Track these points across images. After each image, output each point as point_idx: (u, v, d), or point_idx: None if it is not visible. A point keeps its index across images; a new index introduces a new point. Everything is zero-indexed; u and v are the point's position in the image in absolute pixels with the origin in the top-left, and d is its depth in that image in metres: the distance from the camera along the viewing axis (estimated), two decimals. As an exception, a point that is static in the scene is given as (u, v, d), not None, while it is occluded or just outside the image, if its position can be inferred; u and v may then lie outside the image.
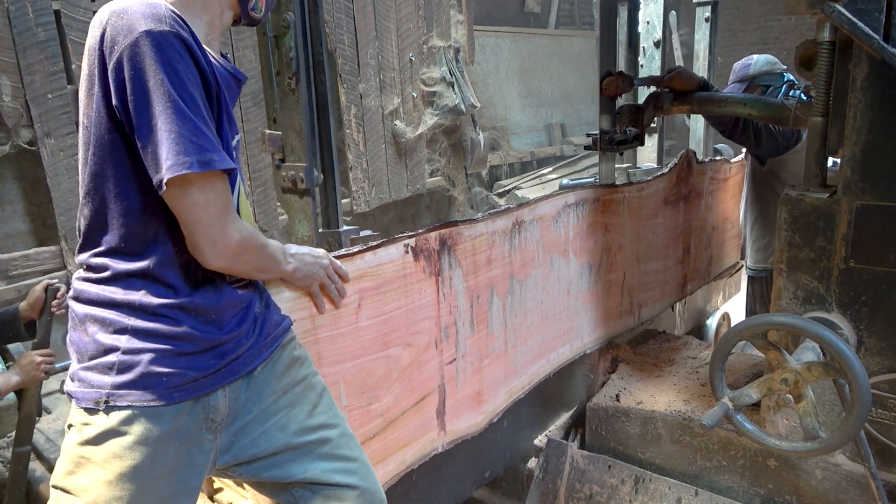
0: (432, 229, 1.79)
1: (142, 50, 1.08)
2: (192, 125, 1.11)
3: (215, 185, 1.16)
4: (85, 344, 1.26)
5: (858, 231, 1.69)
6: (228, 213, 1.20)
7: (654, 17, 3.64)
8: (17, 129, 3.72)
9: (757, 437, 1.74)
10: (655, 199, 2.86)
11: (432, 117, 6.30)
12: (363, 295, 1.61)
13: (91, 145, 1.18)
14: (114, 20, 1.10)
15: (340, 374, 1.59)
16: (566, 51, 9.44)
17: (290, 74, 1.79)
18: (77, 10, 3.84)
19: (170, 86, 1.09)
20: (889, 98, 1.60)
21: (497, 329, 2.07)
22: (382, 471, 1.74)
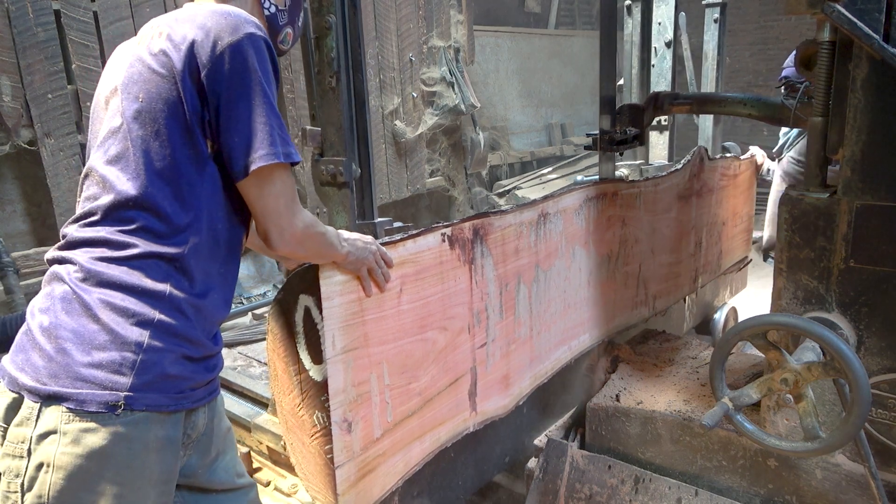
0: (466, 219, 1.88)
1: (245, 49, 1.18)
2: (279, 121, 1.22)
3: (290, 177, 1.25)
4: (92, 333, 1.15)
5: (858, 231, 1.69)
6: (296, 203, 1.27)
7: (666, 19, 3.71)
8: (17, 129, 3.72)
9: (757, 437, 1.74)
10: (670, 194, 2.95)
11: (432, 117, 6.30)
12: (404, 280, 1.69)
13: (142, 122, 1.20)
14: (218, 18, 1.20)
15: (383, 355, 1.66)
16: (566, 51, 9.44)
17: (330, 73, 1.88)
18: (77, 10, 3.85)
19: (265, 84, 1.20)
20: (889, 98, 1.60)
21: (523, 316, 2.16)
22: (420, 447, 1.83)
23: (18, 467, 1.16)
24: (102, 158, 1.24)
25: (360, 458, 1.63)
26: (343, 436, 1.56)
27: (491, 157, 7.57)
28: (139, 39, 1.29)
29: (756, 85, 9.44)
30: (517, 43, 8.56)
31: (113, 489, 1.16)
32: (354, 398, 1.59)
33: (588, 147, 2.82)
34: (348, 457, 1.59)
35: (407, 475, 1.81)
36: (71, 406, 1.13)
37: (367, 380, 1.62)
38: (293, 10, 1.45)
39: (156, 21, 1.29)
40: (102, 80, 1.35)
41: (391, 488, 1.74)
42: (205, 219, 1.25)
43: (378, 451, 1.69)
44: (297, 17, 1.48)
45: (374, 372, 1.64)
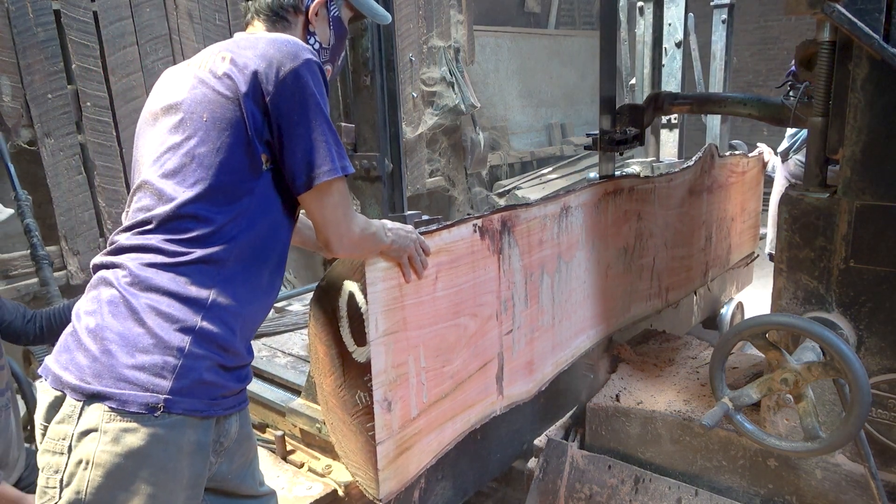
0: (495, 211, 1.97)
1: (304, 74, 1.28)
2: (336, 137, 1.31)
3: (346, 188, 1.35)
4: (136, 337, 1.20)
5: (858, 231, 1.69)
6: (351, 210, 1.37)
7: (676, 20, 3.82)
8: (17, 129, 3.72)
9: (757, 437, 1.74)
10: (682, 189, 3.05)
11: (432, 117, 6.30)
12: (440, 268, 1.77)
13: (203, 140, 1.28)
14: (279, 45, 1.30)
15: (420, 338, 1.75)
16: (566, 51, 9.43)
17: (365, 73, 1.98)
18: (77, 10, 3.84)
19: (322, 104, 1.29)
20: (889, 98, 1.60)
21: (546, 305, 2.24)
22: (451, 428, 1.91)
23: (58, 463, 1.21)
24: (158, 172, 1.30)
25: (399, 436, 1.72)
26: (383, 414, 1.65)
27: (491, 157, 7.56)
28: (199, 63, 1.36)
29: (756, 85, 9.43)
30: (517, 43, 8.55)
31: (147, 489, 1.20)
32: (394, 379, 1.68)
33: (588, 147, 2.82)
34: (388, 434, 1.68)
35: (440, 454, 1.89)
36: (113, 405, 1.17)
37: (406, 362, 1.71)
38: (335, 49, 1.54)
39: (216, 47, 1.37)
40: (152, 99, 1.41)
41: (425, 465, 1.83)
42: (255, 230, 1.32)
43: (414, 429, 1.77)
44: (339, 56, 1.57)
45: (411, 354, 1.72)
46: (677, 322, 3.56)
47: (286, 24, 1.45)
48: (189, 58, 1.44)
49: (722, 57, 4.08)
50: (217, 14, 4.55)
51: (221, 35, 4.58)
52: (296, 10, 1.45)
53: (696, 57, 4.42)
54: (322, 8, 1.47)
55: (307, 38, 1.47)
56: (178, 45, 4.33)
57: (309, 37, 1.47)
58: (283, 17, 1.44)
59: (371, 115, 2.00)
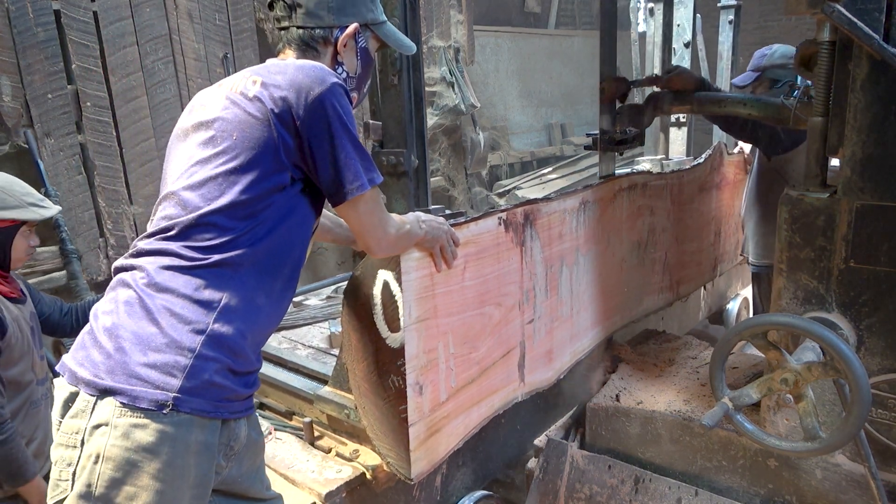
0: (519, 205, 2.05)
1: (331, 98, 1.35)
2: (363, 152, 1.39)
3: (378, 196, 1.44)
4: (150, 336, 1.25)
5: (858, 231, 1.69)
6: (385, 215, 1.47)
7: (685, 20, 3.95)
8: (17, 129, 3.72)
9: (757, 437, 1.74)
10: (692, 185, 3.16)
11: (432, 117, 6.30)
12: (467, 259, 1.85)
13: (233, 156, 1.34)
14: (307, 71, 1.37)
15: (449, 326, 1.82)
16: (566, 51, 9.44)
17: (393, 72, 2.05)
18: (77, 10, 3.84)
19: (348, 123, 1.37)
20: (889, 98, 1.60)
21: (565, 296, 2.33)
22: (477, 412, 2.00)
23: (71, 457, 1.25)
24: (184, 184, 1.36)
25: (429, 419, 1.79)
26: (415, 397, 1.72)
27: (491, 157, 7.56)
28: (230, 86, 1.43)
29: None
30: (517, 43, 8.55)
31: (155, 485, 1.23)
32: (425, 364, 1.75)
33: (588, 147, 2.82)
34: (419, 416, 1.75)
35: (466, 437, 1.97)
36: (124, 401, 1.21)
37: (436, 348, 1.78)
38: (362, 77, 1.60)
39: (247, 71, 1.45)
40: (184, 117, 1.48)
41: (453, 447, 1.91)
42: (271, 237, 1.37)
43: (443, 413, 1.85)
44: (365, 84, 1.63)
45: (441, 341, 1.80)
46: (685, 317, 3.66)
47: (315, 53, 1.52)
48: (188, 57, 1.51)
49: (728, 57, 4.19)
50: (217, 14, 4.55)
51: (221, 35, 4.58)
52: (325, 42, 1.52)
53: (703, 57, 4.49)
54: (350, 40, 1.53)
55: (335, 67, 1.53)
56: (178, 45, 4.32)
57: (337, 66, 1.54)
58: (313, 48, 1.51)
59: (398, 113, 2.08)
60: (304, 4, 1.49)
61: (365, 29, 1.56)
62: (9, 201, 1.97)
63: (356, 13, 1.52)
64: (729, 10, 4.17)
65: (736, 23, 4.17)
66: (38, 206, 2.03)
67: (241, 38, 4.71)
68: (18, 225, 2.00)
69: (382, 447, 1.85)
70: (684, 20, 3.97)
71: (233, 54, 4.66)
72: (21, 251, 2.03)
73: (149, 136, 4.25)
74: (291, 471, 2.05)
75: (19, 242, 2.02)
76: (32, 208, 2.01)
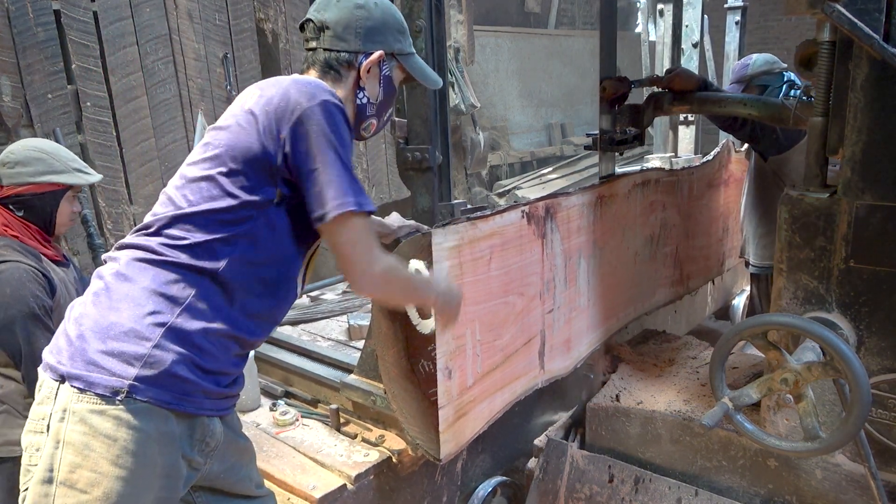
0: (540, 199, 2.13)
1: (317, 113, 1.34)
2: (351, 175, 1.36)
3: (364, 224, 1.36)
4: (110, 325, 1.27)
5: (858, 231, 1.69)
6: (373, 248, 1.39)
7: (693, 21, 4.08)
8: (17, 129, 3.72)
9: (757, 437, 1.74)
10: (702, 182, 3.27)
11: (432, 117, 6.28)
12: (493, 250, 1.91)
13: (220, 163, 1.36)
14: (299, 86, 1.38)
15: (476, 313, 1.89)
16: (566, 51, 9.44)
17: None
18: (77, 10, 3.84)
19: (336, 143, 1.34)
20: (889, 98, 1.60)
21: (582, 287, 2.41)
22: (501, 397, 2.07)
23: (38, 442, 1.28)
24: (176, 183, 1.40)
25: (457, 402, 1.87)
26: (445, 381, 1.79)
27: (491, 157, 7.56)
28: (243, 97, 1.46)
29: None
30: (517, 43, 8.55)
31: (115, 471, 1.24)
32: (454, 350, 1.82)
33: (588, 147, 2.83)
34: (448, 400, 1.82)
35: (491, 420, 2.04)
36: (80, 386, 1.24)
37: (464, 334, 1.85)
38: (383, 105, 1.60)
39: (256, 84, 1.48)
40: None
41: (479, 431, 1.98)
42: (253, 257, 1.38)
43: (470, 397, 1.92)
44: (386, 112, 1.62)
45: (468, 328, 1.86)
46: (692, 312, 3.81)
47: (338, 76, 1.52)
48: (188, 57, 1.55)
49: (735, 57, 4.27)
50: (217, 14, 4.55)
51: (221, 35, 4.58)
52: (349, 66, 1.52)
53: (710, 57, 4.59)
54: (374, 66, 1.53)
55: (356, 92, 1.54)
56: (178, 45, 4.33)
57: (358, 91, 1.54)
58: (336, 70, 1.52)
59: (423, 111, 2.16)
60: (332, 27, 1.49)
61: (391, 58, 1.56)
62: (56, 166, 2.05)
63: (383, 41, 1.53)
64: (736, 12, 4.28)
65: (742, 23, 4.28)
66: (83, 171, 2.13)
67: (241, 38, 4.71)
68: (64, 190, 2.08)
69: (412, 430, 1.91)
70: (692, 21, 4.07)
71: (233, 54, 4.66)
72: (65, 216, 2.11)
73: (149, 136, 4.25)
74: (320, 455, 2.13)
75: (64, 207, 2.10)
76: (78, 174, 2.10)
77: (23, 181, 2.01)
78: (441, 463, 1.88)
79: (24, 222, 2.04)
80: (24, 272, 1.94)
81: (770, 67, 2.97)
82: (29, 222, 2.05)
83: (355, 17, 1.49)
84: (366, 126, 1.60)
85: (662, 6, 4.00)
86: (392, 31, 1.54)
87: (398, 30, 1.56)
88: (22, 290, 1.91)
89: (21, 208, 2.03)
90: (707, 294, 3.91)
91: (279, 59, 5.05)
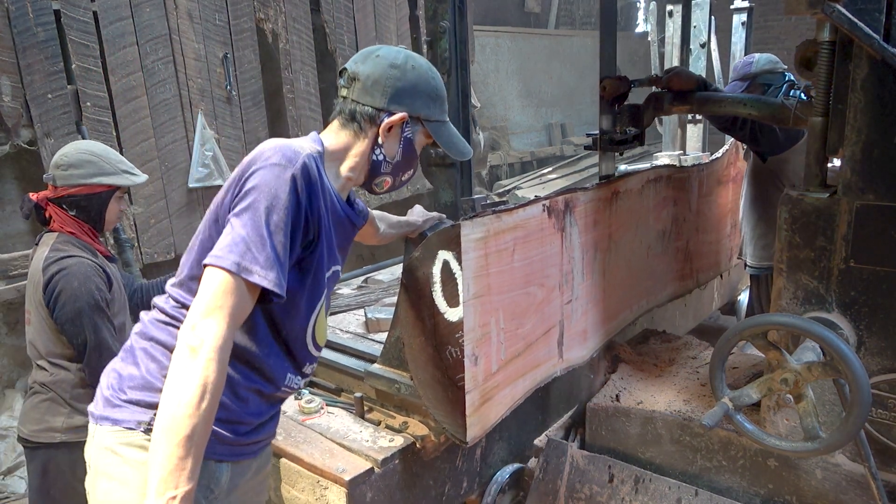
0: (560, 193, 2.18)
1: (267, 173, 1.31)
2: (260, 241, 1.27)
3: (231, 287, 1.25)
4: (130, 377, 1.41)
5: (858, 231, 1.69)
6: (224, 317, 1.24)
7: (701, 22, 4.18)
8: (17, 129, 3.72)
9: (757, 437, 1.74)
10: (711, 179, 3.38)
11: (432, 117, 6.28)
12: (516, 242, 1.96)
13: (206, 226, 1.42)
14: (275, 147, 1.36)
15: (500, 303, 1.94)
16: (566, 51, 9.44)
17: (443, 71, 2.18)
18: (77, 10, 3.85)
19: (269, 208, 1.29)
20: (889, 98, 1.60)
21: (598, 279, 2.47)
22: (522, 384, 2.12)
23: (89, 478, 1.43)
24: (187, 247, 1.48)
25: (482, 388, 1.92)
26: (471, 367, 1.85)
27: (491, 157, 7.57)
28: None
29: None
30: (517, 43, 8.56)
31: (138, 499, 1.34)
32: (480, 337, 1.87)
33: (588, 147, 2.83)
34: (474, 385, 1.88)
35: (513, 406, 2.09)
36: (110, 425, 1.39)
37: (489, 322, 1.91)
38: (399, 167, 1.59)
39: None
40: None
41: (502, 416, 2.04)
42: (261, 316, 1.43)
43: (494, 383, 1.97)
44: (403, 174, 1.62)
45: (493, 316, 1.92)
46: (699, 307, 3.94)
47: (358, 128, 1.52)
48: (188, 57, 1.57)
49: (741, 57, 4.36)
50: (217, 14, 4.55)
51: (221, 35, 4.58)
52: (371, 121, 1.51)
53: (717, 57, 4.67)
54: (396, 127, 1.53)
55: (374, 148, 1.53)
56: (178, 45, 4.33)
57: (376, 147, 1.53)
58: (357, 122, 1.52)
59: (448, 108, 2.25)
60: (362, 80, 1.49)
61: (416, 122, 1.55)
62: (106, 168, 2.21)
63: (410, 104, 1.52)
64: (742, 12, 4.39)
65: (749, 24, 4.37)
66: (130, 173, 2.28)
67: (241, 38, 4.71)
68: (113, 190, 2.26)
69: (439, 414, 1.99)
70: (700, 22, 4.17)
71: (233, 54, 4.66)
72: (114, 214, 2.30)
73: (149, 136, 4.25)
74: (347, 440, 2.21)
75: (113, 206, 2.28)
76: (126, 175, 2.26)
77: (75, 182, 2.17)
78: (467, 445, 1.94)
79: (77, 220, 2.22)
80: (87, 267, 2.12)
81: (773, 67, 2.98)
82: (81, 220, 2.22)
83: (387, 75, 1.49)
84: (378, 182, 1.59)
85: (672, 7, 4.11)
86: (422, 96, 1.53)
87: (429, 95, 1.55)
88: (88, 284, 2.09)
89: (74, 207, 2.21)
90: (714, 289, 4.02)
91: (279, 59, 5.05)
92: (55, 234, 2.20)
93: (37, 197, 2.23)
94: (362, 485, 2.05)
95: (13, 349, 4.14)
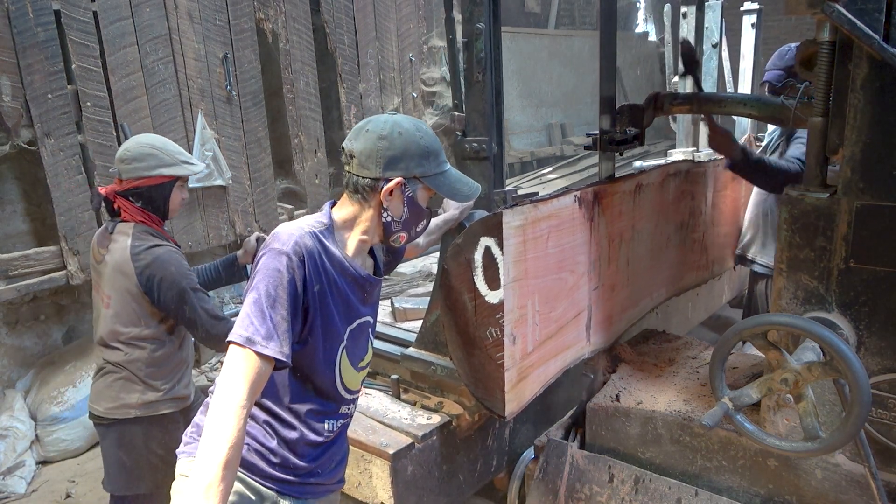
0: (589, 186, 2.32)
1: (266, 257, 1.54)
2: (262, 315, 1.49)
3: (242, 358, 1.47)
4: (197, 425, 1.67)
5: (858, 231, 1.69)
6: (237, 384, 1.45)
7: (713, 23, 4.30)
8: (17, 129, 3.72)
9: (757, 437, 1.74)
10: (726, 174, 3.48)
11: (432, 117, 6.30)
12: (550, 230, 2.09)
13: None
14: (282, 230, 1.58)
15: (536, 287, 2.07)
16: (566, 51, 9.43)
17: (479, 70, 2.32)
18: (77, 10, 3.85)
19: (268, 285, 1.50)
20: (889, 98, 1.60)
21: (622, 268, 2.58)
22: (554, 365, 2.24)
23: None
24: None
25: (519, 366, 2.05)
26: (510, 346, 1.98)
27: (491, 157, 7.55)
28: None
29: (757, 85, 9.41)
30: (517, 43, 8.55)
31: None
32: (518, 318, 2.00)
33: (588, 147, 2.81)
34: (512, 363, 2.01)
35: (546, 385, 2.21)
36: (185, 455, 1.66)
37: (526, 305, 2.03)
38: (408, 223, 1.71)
39: None
40: None
41: (536, 393, 2.17)
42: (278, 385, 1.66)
43: (529, 362, 2.10)
44: (414, 227, 1.74)
45: (529, 299, 2.05)
46: (711, 299, 4.15)
47: (363, 198, 1.66)
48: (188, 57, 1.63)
49: (751, 57, 4.56)
50: (217, 14, 4.55)
51: (221, 35, 4.58)
52: (372, 190, 1.65)
53: (726, 58, 4.75)
54: (396, 190, 1.64)
55: (381, 212, 1.66)
56: (178, 45, 4.33)
57: (383, 211, 1.66)
58: (360, 193, 1.66)
59: (481, 106, 2.37)
60: (357, 156, 1.63)
61: (414, 181, 1.66)
62: (166, 160, 2.31)
63: (405, 168, 1.63)
64: (752, 14, 4.55)
65: (758, 25, 4.52)
66: (189, 163, 2.38)
67: (241, 38, 4.71)
68: (174, 180, 2.35)
69: (478, 392, 2.10)
70: (712, 23, 4.30)
71: (233, 54, 4.66)
72: (177, 203, 2.39)
73: (149, 136, 4.25)
74: (387, 419, 2.40)
75: (175, 195, 2.38)
76: (185, 165, 2.36)
77: (139, 175, 2.27)
78: (506, 420, 2.06)
79: (144, 211, 2.32)
80: (173, 253, 2.27)
81: None
82: (148, 210, 2.32)
83: (377, 147, 1.61)
84: (394, 238, 1.72)
85: (686, 9, 4.24)
86: (413, 157, 1.63)
87: (421, 154, 1.65)
88: (181, 268, 2.25)
89: (139, 199, 2.31)
90: (724, 282, 4.16)
91: (279, 59, 5.05)
92: (130, 224, 2.30)
93: (105, 191, 2.33)
94: (404, 458, 2.26)
95: (13, 349, 4.13)
